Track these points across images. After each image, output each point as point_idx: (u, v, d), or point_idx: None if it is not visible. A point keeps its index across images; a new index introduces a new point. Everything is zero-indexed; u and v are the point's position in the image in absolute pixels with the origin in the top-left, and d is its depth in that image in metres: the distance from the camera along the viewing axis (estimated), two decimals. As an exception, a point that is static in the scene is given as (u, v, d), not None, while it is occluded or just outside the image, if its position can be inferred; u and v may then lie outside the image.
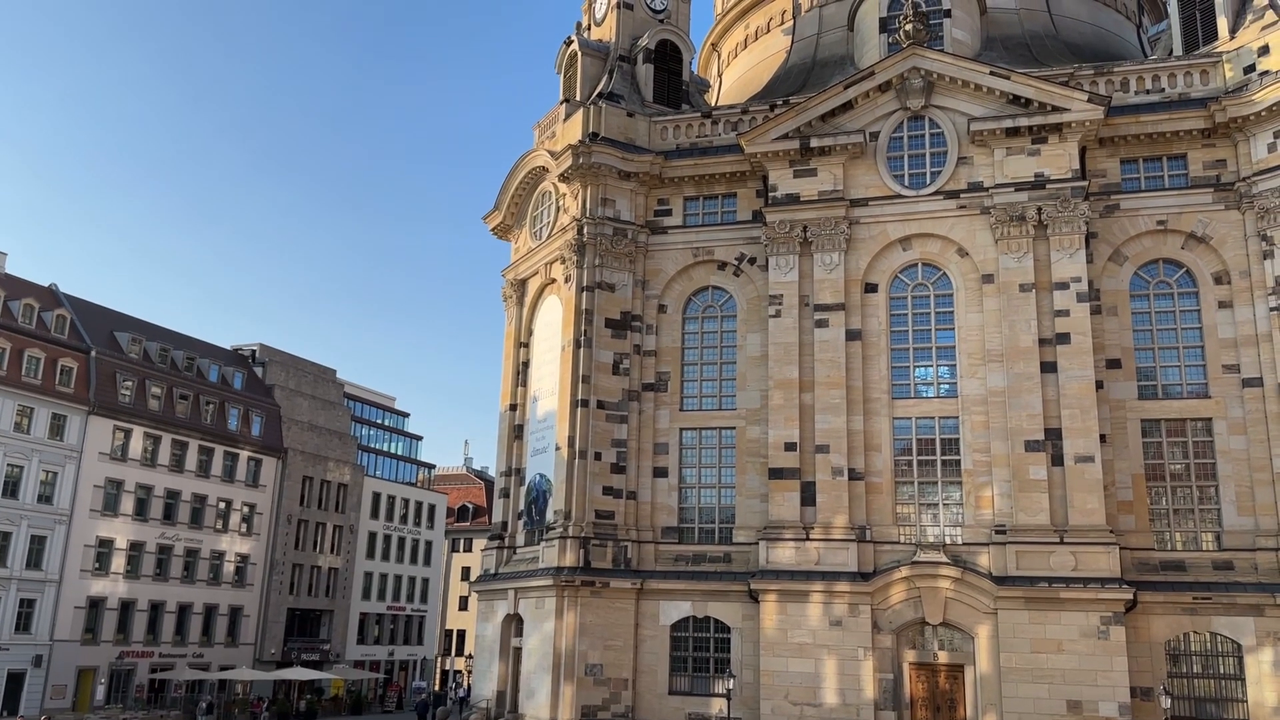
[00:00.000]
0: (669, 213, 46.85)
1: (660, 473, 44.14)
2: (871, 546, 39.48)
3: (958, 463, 40.00)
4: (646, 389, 44.97)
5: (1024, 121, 41.13)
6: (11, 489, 52.25)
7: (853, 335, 41.83)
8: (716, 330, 45.70)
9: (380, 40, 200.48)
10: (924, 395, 41.50)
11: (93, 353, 57.81)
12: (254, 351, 74.32)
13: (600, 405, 43.90)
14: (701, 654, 41.45)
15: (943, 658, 38.30)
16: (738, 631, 40.69)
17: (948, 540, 39.03)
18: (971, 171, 42.11)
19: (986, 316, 40.72)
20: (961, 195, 41.96)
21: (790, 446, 41.07)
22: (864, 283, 42.53)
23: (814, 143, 43.30)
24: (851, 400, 41.07)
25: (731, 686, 37.36)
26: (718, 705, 39.60)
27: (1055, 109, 40.79)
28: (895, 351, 42.07)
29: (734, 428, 44.06)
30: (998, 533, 38.24)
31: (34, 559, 53.10)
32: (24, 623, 52.48)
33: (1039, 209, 40.46)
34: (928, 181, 42.70)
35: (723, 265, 45.75)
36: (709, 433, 44.56)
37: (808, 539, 39.75)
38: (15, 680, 51.80)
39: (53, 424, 54.53)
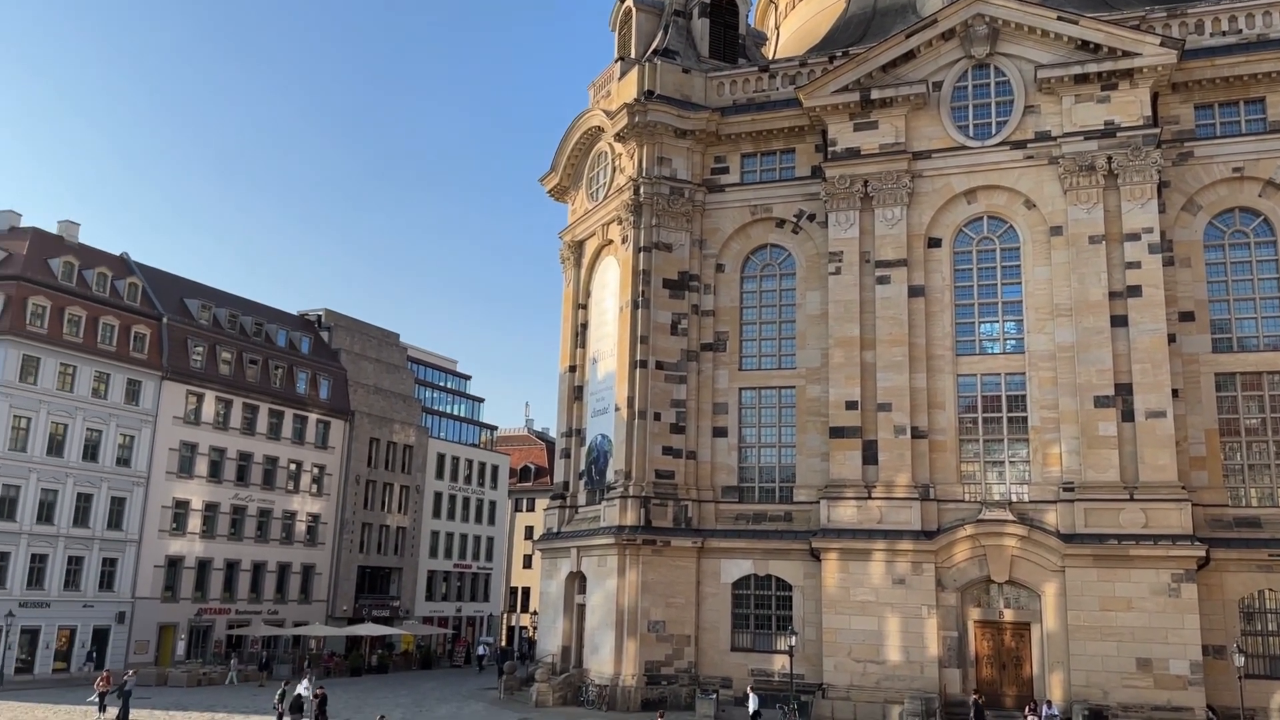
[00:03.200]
0: (726, 170, 46.40)
1: (720, 432, 44.17)
2: (935, 505, 39.16)
3: (1024, 420, 39.36)
4: (705, 349, 44.91)
5: (1093, 68, 39.80)
6: (91, 452, 54.18)
7: (915, 291, 41.20)
8: (775, 289, 45.33)
9: (438, 4, 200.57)
10: (989, 351, 40.80)
11: (164, 319, 59.37)
12: (320, 316, 75.70)
13: (659, 366, 43.96)
14: (763, 611, 41.67)
15: (1008, 615, 38.00)
16: (799, 589, 40.79)
17: (1014, 498, 38.53)
18: (1039, 121, 40.95)
19: (1055, 270, 39.79)
20: (1028, 145, 40.87)
21: (851, 405, 40.77)
22: (927, 237, 41.78)
23: (875, 94, 42.42)
24: (914, 358, 40.54)
25: (794, 643, 37.55)
26: (780, 662, 39.86)
27: (1126, 54, 39.37)
28: (960, 307, 41.36)
29: (794, 387, 43.84)
30: (1065, 490, 37.63)
31: (114, 520, 55.13)
32: (107, 581, 54.66)
33: (1109, 158, 39.25)
34: (993, 132, 41.64)
35: (781, 223, 45.27)
36: (768, 392, 44.40)
37: (870, 498, 39.56)
38: (101, 636, 54.11)
39: (128, 389, 56.26)
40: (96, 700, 37.65)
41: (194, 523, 59.66)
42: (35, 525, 50.99)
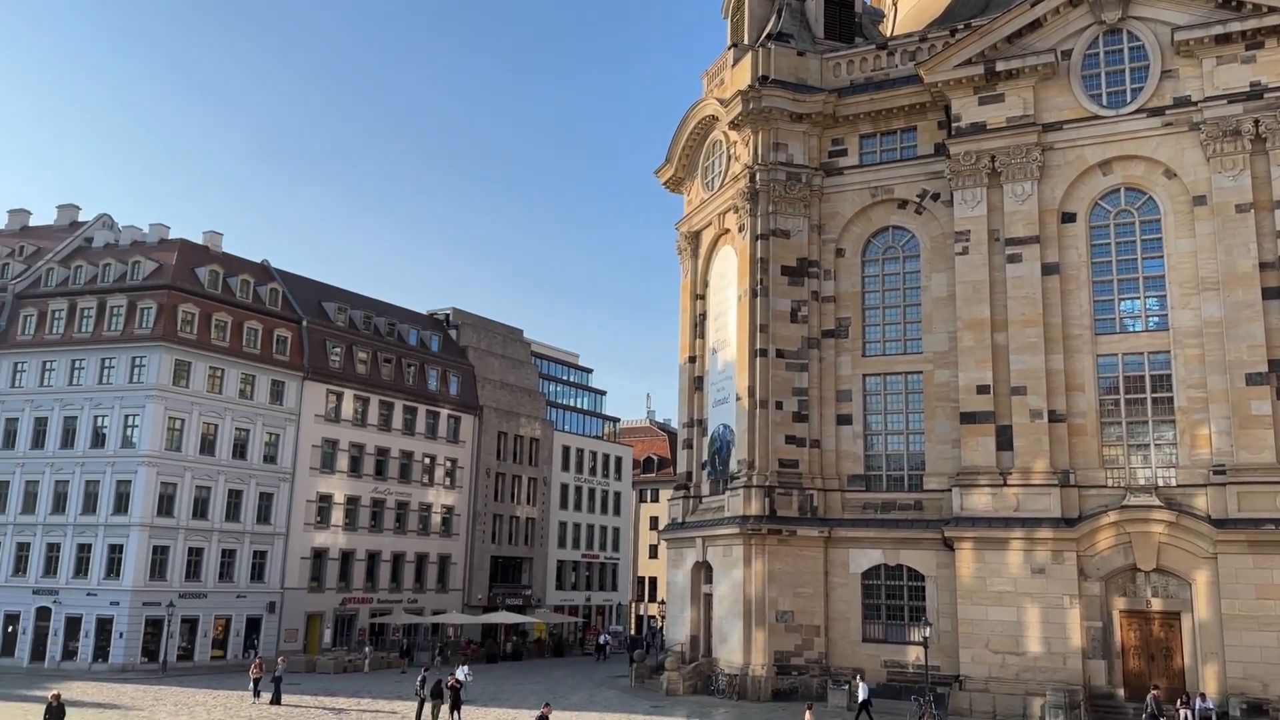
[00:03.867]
0: (844, 152, 45.54)
1: (844, 420, 43.49)
2: (1075, 491, 37.64)
3: (1170, 400, 37.41)
4: (826, 335, 44.25)
5: (1236, 26, 37.39)
6: (240, 450, 57.23)
7: (1049, 269, 39.62)
8: (898, 272, 44.31)
9: (552, 4, 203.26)
10: (1130, 330, 38.91)
11: (304, 322, 62.16)
12: (448, 315, 77.99)
13: (779, 354, 43.55)
14: (895, 602, 40.88)
15: (1156, 605, 36.25)
16: (932, 580, 39.84)
17: (1160, 482, 36.70)
18: (1177, 85, 38.75)
19: (1199, 241, 37.64)
20: (1167, 112, 38.73)
21: (983, 389, 39.53)
22: (1060, 212, 40.11)
23: (1000, 66, 40.92)
24: (1050, 338, 39.01)
25: (928, 635, 36.69)
26: (914, 653, 39.03)
27: (1272, 9, 36.85)
28: (1097, 284, 39.59)
29: (921, 372, 42.79)
30: (1216, 473, 35.61)
31: (263, 514, 58.13)
32: (257, 572, 57.72)
33: (1255, 121, 36.86)
34: (1128, 100, 39.62)
35: (903, 203, 44.18)
36: (894, 378, 43.46)
37: (1005, 485, 38.31)
38: (253, 624, 57.20)
39: (273, 390, 59.16)
40: (251, 686, 39.78)
41: (336, 516, 62.34)
42: (190, 520, 54.16)
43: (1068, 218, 40.08)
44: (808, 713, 30.17)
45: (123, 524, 51.85)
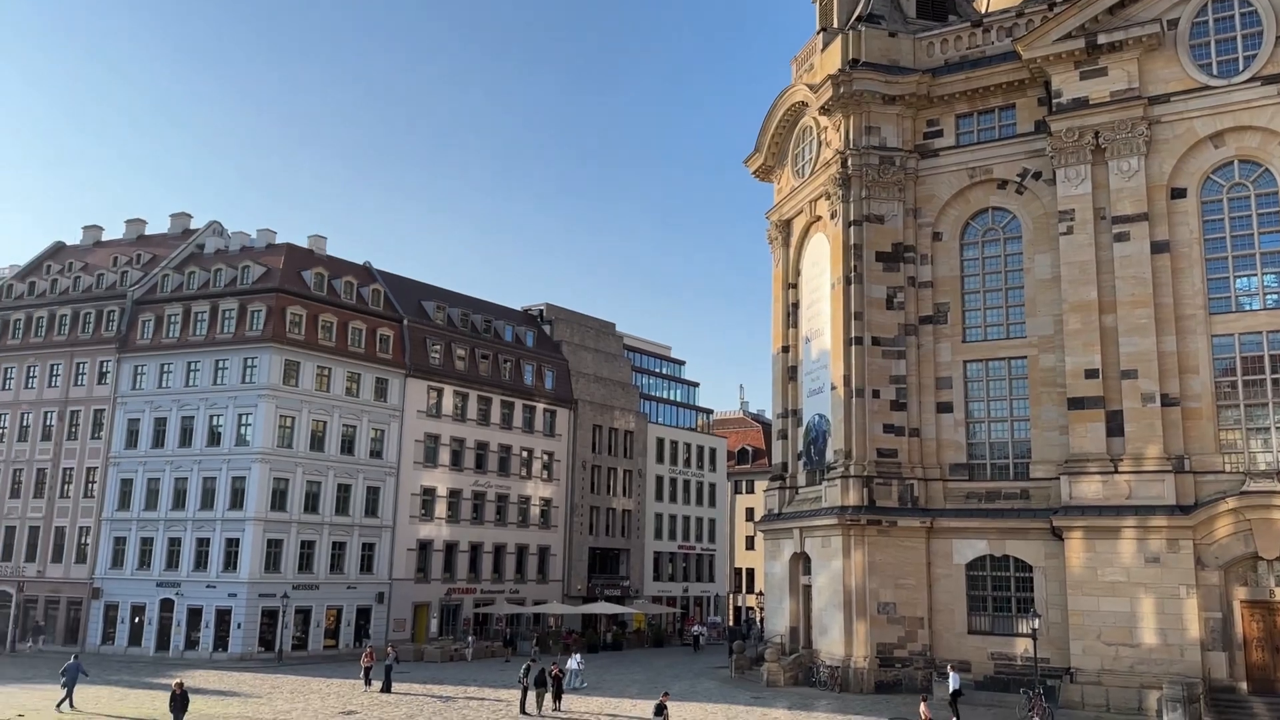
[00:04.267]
0: (940, 134, 44.54)
1: (944, 408, 42.59)
2: (1191, 477, 36.17)
3: (1293, 381, 35.56)
4: (924, 322, 43.39)
5: (1364, -19, 35.25)
6: (348, 446, 59.14)
7: (1159, 247, 38.10)
8: (999, 254, 43.16)
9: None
10: (1247, 308, 37.19)
11: (405, 321, 63.82)
12: (541, 311, 79.07)
13: (875, 342, 42.87)
14: (1001, 593, 39.93)
15: (1282, 596, 34.58)
16: (1040, 570, 38.77)
17: (1283, 468, 34.94)
18: (1297, 49, 36.73)
19: (1323, 213, 35.65)
20: (1285, 78, 36.77)
21: (1091, 374, 38.25)
22: (1169, 188, 38.51)
23: (1102, 39, 39.45)
24: (1161, 319, 37.53)
25: (1037, 626, 35.71)
26: (1022, 645, 38.07)
27: (1406, -40, 34.60)
28: (1210, 262, 37.93)
29: (1024, 357, 41.63)
30: (1347, 458, 33.75)
31: (370, 507, 59.98)
32: (366, 564, 59.58)
33: (1388, 82, 34.70)
34: (1240, 68, 37.79)
35: (1003, 184, 43.00)
36: (996, 364, 42.37)
37: (1116, 472, 37.03)
38: (364, 614, 59.10)
39: (377, 387, 60.94)
40: (363, 674, 41.09)
41: (440, 508, 63.87)
42: (302, 514, 56.18)
43: (1177, 193, 38.46)
44: (922, 705, 29.72)
45: (238, 519, 54.11)
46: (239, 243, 64.28)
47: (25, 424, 61.47)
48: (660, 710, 26.75)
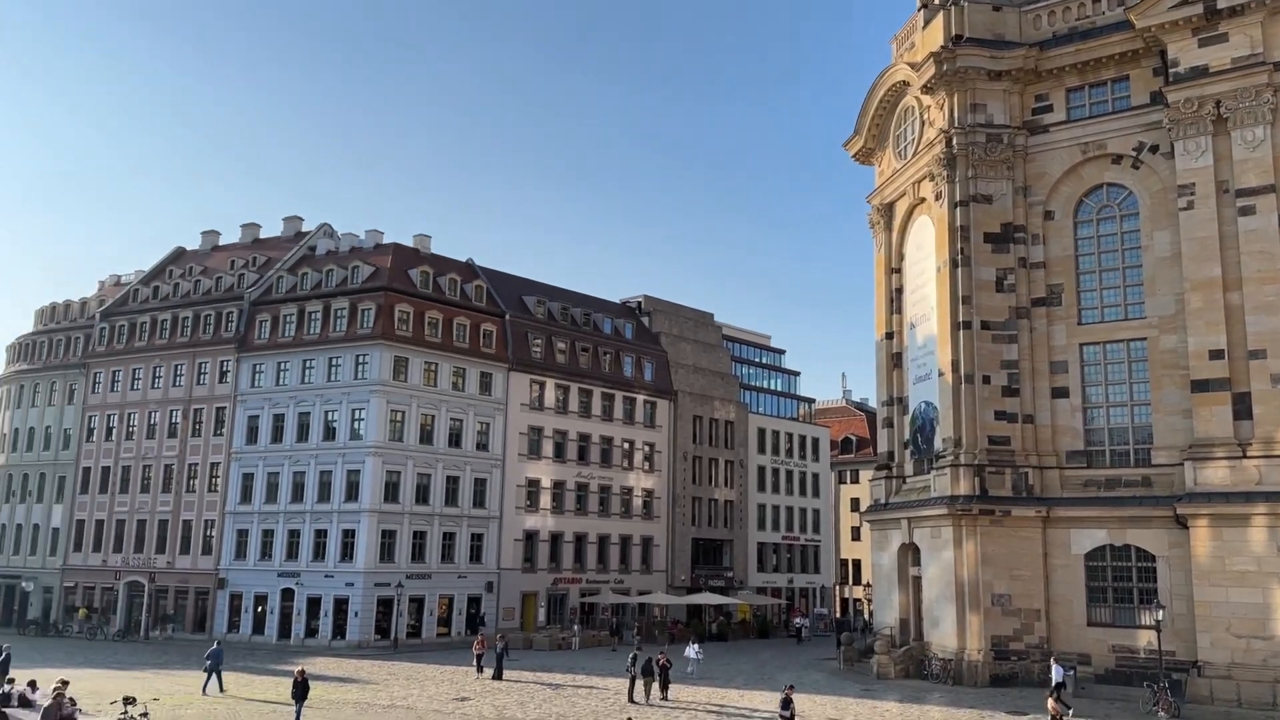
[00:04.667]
0: (1049, 109, 43.01)
1: (1059, 393, 41.18)
2: (1328, 462, 34.13)
3: None
4: (1037, 304, 42.00)
5: None
6: (455, 439, 60.53)
7: (1289, 219, 36.01)
8: (1115, 232, 41.48)
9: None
10: (1391, 282, 34.81)
11: (507, 316, 64.92)
12: (639, 302, 79.42)
13: (984, 326, 41.70)
14: (1122, 584, 38.44)
15: None
16: (1164, 560, 37.19)
17: None
18: None
19: None
20: None
21: (1216, 354, 36.48)
22: (1299, 157, 36.34)
23: (1222, 4, 37.52)
24: (1291, 296, 35.48)
25: (1161, 618, 34.24)
26: (1145, 637, 36.58)
27: None
28: (1347, 233, 35.65)
29: (1144, 338, 39.93)
30: None
31: (478, 499, 61.29)
32: (475, 554, 60.93)
33: None
34: (1380, 24, 35.36)
35: (1118, 159, 41.29)
36: (1114, 346, 40.76)
37: (1244, 456, 35.25)
38: (474, 603, 60.47)
39: (481, 381, 62.19)
40: (475, 661, 42.02)
41: (545, 500, 64.83)
42: (413, 506, 57.72)
43: (1309, 162, 36.29)
44: (1050, 700, 28.80)
45: (354, 510, 55.91)
46: (348, 244, 66.33)
47: (153, 422, 64.68)
48: (786, 704, 26.43)
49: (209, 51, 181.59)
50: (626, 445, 70.58)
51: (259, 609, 57.81)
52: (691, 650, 42.47)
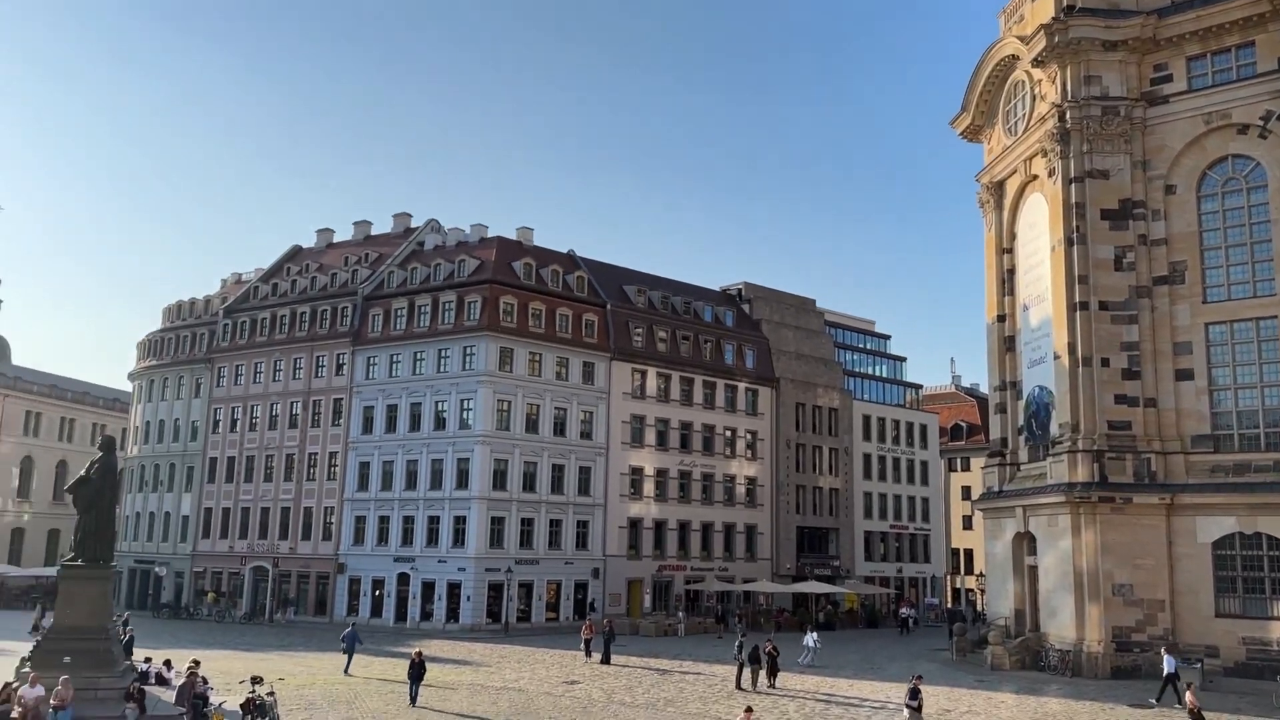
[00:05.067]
0: (1168, 78, 41.10)
1: (1183, 375, 39.43)
2: None
3: None
4: (1158, 283, 40.27)
5: None
6: (560, 428, 61.44)
7: None
8: (1242, 205, 39.46)
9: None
10: None
11: (608, 306, 65.45)
12: (740, 290, 78.97)
13: (1102, 306, 40.18)
14: (1253, 573, 36.66)
15: None
16: (1300, 548, 35.26)
17: None
18: None
19: None
20: None
21: (1356, 332, 34.33)
22: None
23: (1361, -43, 35.15)
24: None
25: (1297, 611, 32.50)
26: (1278, 630, 34.79)
27: None
28: None
29: (1274, 316, 38.03)
30: None
31: (583, 486, 62.08)
32: (581, 541, 61.77)
33: None
34: None
35: (1244, 129, 39.23)
36: (1242, 325, 38.82)
37: (1390, 440, 33.12)
38: (581, 588, 61.34)
39: (584, 371, 62.89)
40: (583, 646, 42.64)
41: (648, 487, 65.22)
42: (521, 493, 58.80)
43: None
44: (1189, 694, 27.73)
45: (464, 498, 57.29)
46: (455, 238, 67.83)
47: (274, 414, 67.42)
48: (915, 694, 25.95)
49: (321, 58, 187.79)
50: (728, 433, 70.43)
51: (376, 593, 59.76)
52: (810, 639, 42.28)
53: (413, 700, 28.68)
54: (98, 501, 25.75)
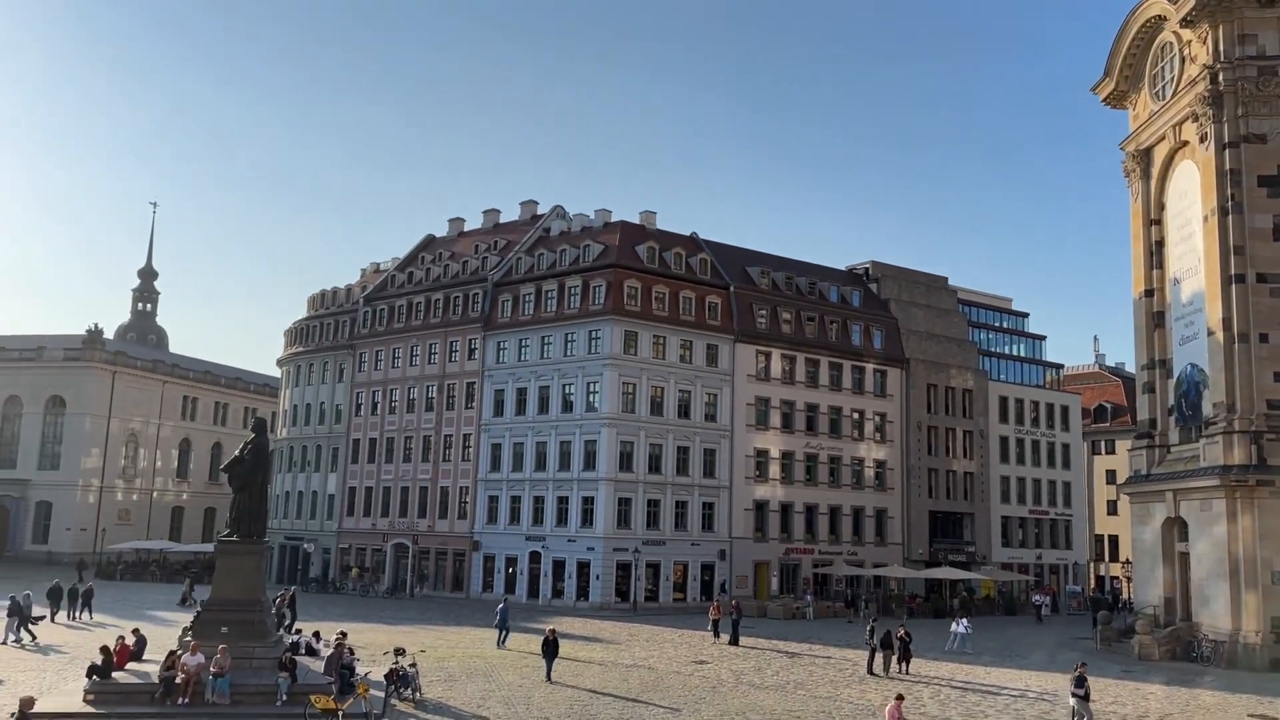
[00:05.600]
0: (1334, 33, 38.07)
1: (1353, 350, 36.65)
2: None
3: None
4: (1323, 252, 37.49)
5: None
6: (684, 410, 61.68)
7: None
8: None
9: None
10: None
11: (732, 288, 65.20)
12: (867, 269, 77.38)
13: (1261, 279, 37.78)
14: None
15: None
16: None
17: None
18: None
19: None
20: None
21: None
22: None
23: None
24: None
25: None
26: None
27: None
28: None
29: None
30: None
31: (708, 468, 62.23)
32: (707, 522, 61.96)
33: None
34: None
35: None
36: None
37: None
38: (707, 570, 61.58)
39: (708, 353, 62.93)
40: (711, 626, 42.81)
41: (774, 470, 64.87)
42: (647, 475, 59.34)
43: None
44: None
45: (591, 478, 58.24)
46: (579, 224, 68.75)
47: (411, 397, 69.91)
48: (1080, 682, 25.01)
49: (446, 56, 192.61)
50: (856, 415, 69.31)
51: (509, 570, 61.44)
52: (959, 625, 41.44)
53: (549, 676, 29.33)
54: (251, 480, 27.27)
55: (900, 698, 20.77)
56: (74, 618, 41.59)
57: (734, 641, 40.43)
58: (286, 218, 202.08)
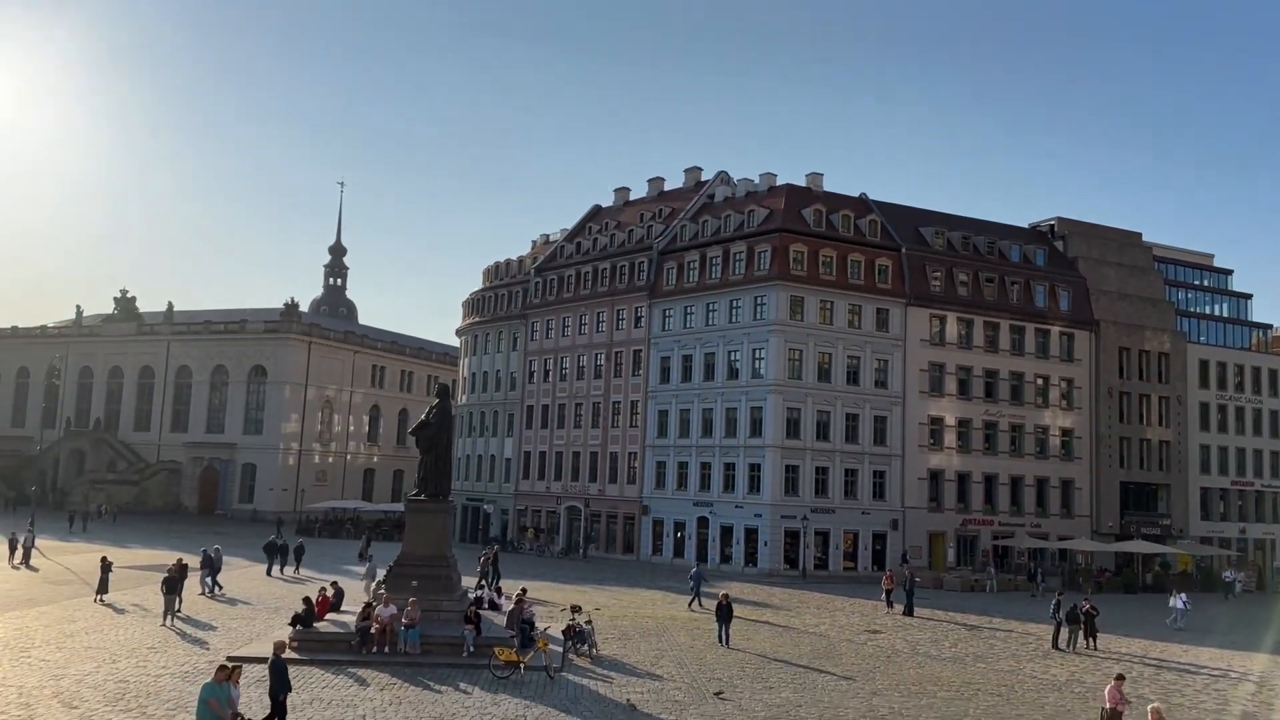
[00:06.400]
0: None
1: None
2: None
3: None
4: None
5: None
6: (853, 377, 60.24)
7: None
8: None
9: None
10: None
11: (903, 250, 62.99)
12: (1052, 226, 73.13)
13: None
14: None
15: None
16: None
17: None
18: None
19: None
20: None
21: None
22: None
23: None
24: None
25: None
26: None
27: None
28: None
29: None
30: None
31: (878, 436, 60.64)
32: (878, 491, 60.49)
33: None
34: None
35: None
36: None
37: None
38: (879, 539, 60.24)
39: (878, 318, 61.11)
40: (884, 596, 42.01)
41: (949, 438, 62.72)
42: (814, 442, 58.54)
43: None
44: None
45: (758, 445, 57.99)
46: (744, 189, 68.09)
47: (581, 365, 71.42)
48: None
49: (614, 27, 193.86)
50: (1040, 381, 66.02)
51: (678, 534, 62.11)
52: (1179, 600, 39.32)
53: (722, 640, 29.33)
54: (436, 442, 28.65)
55: (1120, 678, 19.49)
56: (283, 572, 44.91)
57: (908, 612, 39.57)
58: (462, 193, 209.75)
